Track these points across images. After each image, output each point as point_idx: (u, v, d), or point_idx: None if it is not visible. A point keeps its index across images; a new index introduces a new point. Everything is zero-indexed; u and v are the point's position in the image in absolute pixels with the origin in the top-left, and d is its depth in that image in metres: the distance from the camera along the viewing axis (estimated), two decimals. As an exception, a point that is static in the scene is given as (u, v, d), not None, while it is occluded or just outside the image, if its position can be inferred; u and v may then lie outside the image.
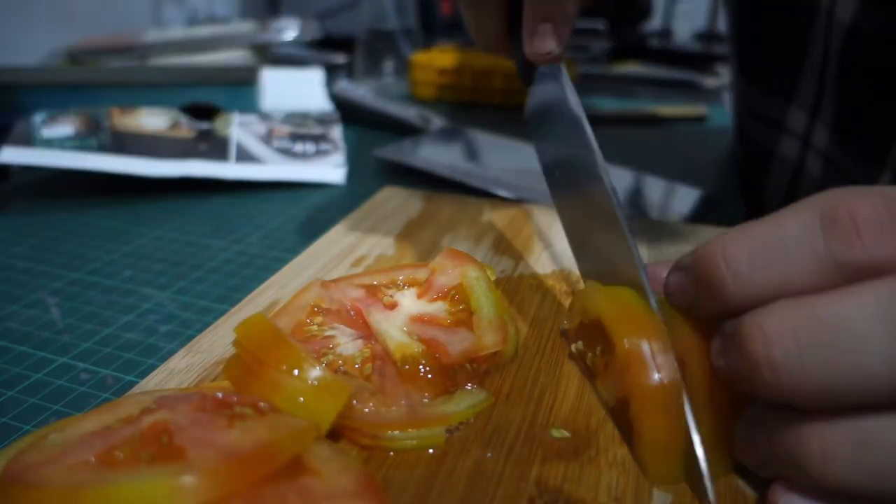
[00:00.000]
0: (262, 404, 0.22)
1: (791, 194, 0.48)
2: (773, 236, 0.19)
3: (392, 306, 0.28)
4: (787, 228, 0.19)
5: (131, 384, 0.28)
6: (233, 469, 0.18)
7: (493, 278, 0.30)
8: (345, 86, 0.69)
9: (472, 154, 0.56)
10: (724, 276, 0.20)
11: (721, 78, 0.95)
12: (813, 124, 0.45)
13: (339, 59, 0.90)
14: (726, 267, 0.20)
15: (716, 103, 0.83)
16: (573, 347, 0.28)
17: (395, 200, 0.44)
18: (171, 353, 0.30)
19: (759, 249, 0.19)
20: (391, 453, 0.23)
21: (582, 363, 0.27)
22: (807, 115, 0.45)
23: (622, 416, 0.24)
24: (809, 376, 0.17)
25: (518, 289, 0.34)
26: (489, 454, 0.23)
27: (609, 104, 0.79)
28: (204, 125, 0.51)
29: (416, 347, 0.26)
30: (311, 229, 0.43)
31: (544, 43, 0.31)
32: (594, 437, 0.24)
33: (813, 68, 0.43)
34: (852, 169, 0.41)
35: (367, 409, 0.23)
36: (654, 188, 0.50)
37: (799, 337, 0.18)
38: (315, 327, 0.27)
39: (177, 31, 0.85)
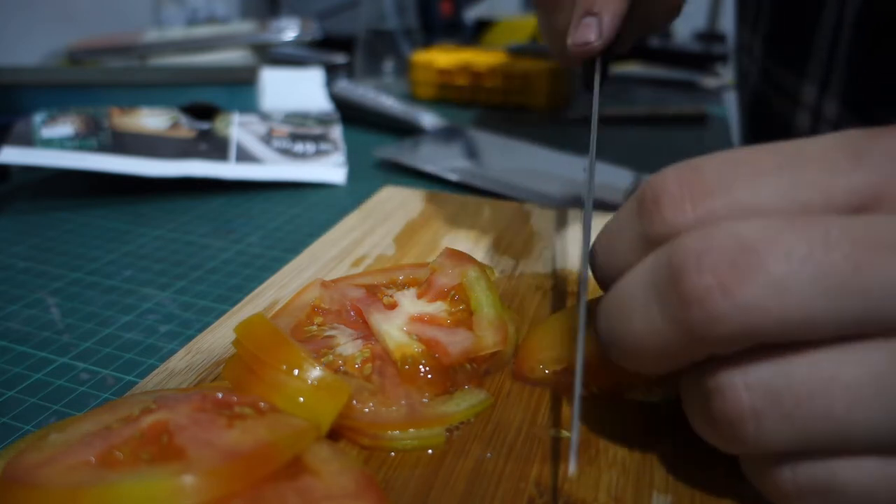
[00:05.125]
0: (262, 404, 0.22)
1: None
2: (615, 225, 0.21)
3: (392, 306, 0.28)
4: (620, 217, 0.21)
5: (131, 384, 0.28)
6: (233, 469, 0.18)
7: (493, 278, 0.30)
8: (345, 86, 0.69)
9: (472, 154, 0.56)
10: (592, 267, 0.23)
11: (721, 78, 0.95)
12: (823, 96, 0.46)
13: (339, 59, 0.90)
14: (594, 259, 0.22)
15: (716, 103, 0.83)
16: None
17: (395, 200, 0.44)
18: (171, 353, 0.30)
19: (607, 238, 0.22)
20: (391, 453, 0.23)
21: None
22: (817, 88, 0.46)
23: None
24: (613, 344, 0.20)
25: (518, 289, 0.34)
26: (489, 454, 0.23)
27: (609, 104, 0.79)
28: (204, 125, 0.51)
29: (416, 347, 0.26)
30: (311, 229, 0.43)
31: (585, 33, 0.32)
32: (594, 437, 0.24)
33: (822, 41, 0.44)
34: None
35: (367, 409, 0.23)
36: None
37: (603, 311, 0.20)
38: (315, 327, 0.27)
39: (177, 31, 0.85)
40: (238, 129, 0.52)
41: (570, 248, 0.38)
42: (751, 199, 0.18)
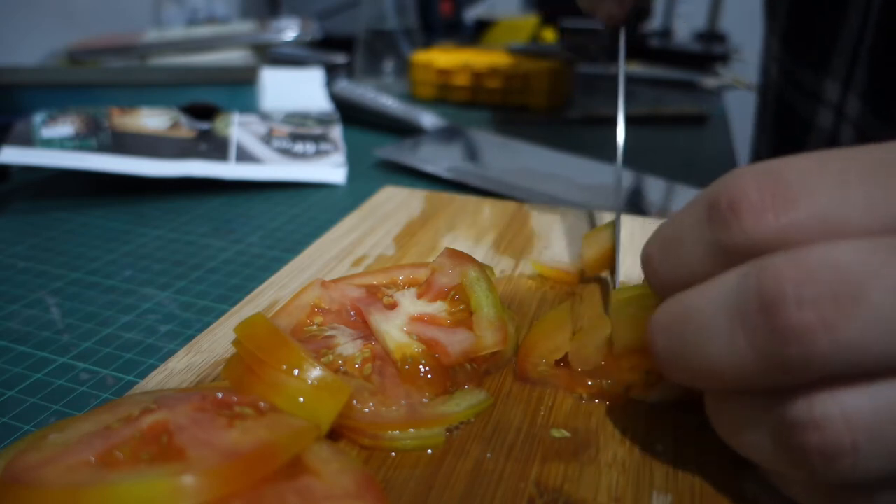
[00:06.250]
0: (262, 404, 0.22)
1: None
2: (675, 231, 0.20)
3: (392, 306, 0.28)
4: (684, 221, 0.20)
5: (131, 384, 0.28)
6: (233, 469, 0.18)
7: (493, 278, 0.30)
8: (345, 86, 0.69)
9: (472, 154, 0.56)
10: (647, 273, 0.21)
11: (721, 78, 0.95)
12: (846, 94, 0.46)
13: (339, 59, 0.90)
14: (647, 266, 0.21)
15: (716, 103, 0.83)
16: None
17: (395, 200, 0.44)
18: (171, 353, 0.30)
19: (665, 246, 0.20)
20: (391, 453, 0.23)
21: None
22: (840, 86, 0.46)
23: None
24: (677, 364, 0.19)
25: (518, 289, 0.33)
26: (489, 454, 0.23)
27: (608, 104, 0.79)
28: (204, 125, 0.51)
29: (416, 347, 0.26)
30: (311, 229, 0.43)
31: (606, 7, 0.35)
32: (594, 437, 0.24)
33: (848, 39, 0.44)
34: (884, 137, 0.42)
35: (367, 409, 0.23)
36: (655, 188, 0.50)
37: (668, 326, 0.19)
38: (315, 327, 0.27)
39: (177, 31, 0.85)
40: (238, 129, 0.52)
41: (570, 248, 0.38)
42: (837, 210, 0.17)
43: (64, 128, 0.47)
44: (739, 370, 0.17)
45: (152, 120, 0.50)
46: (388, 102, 0.67)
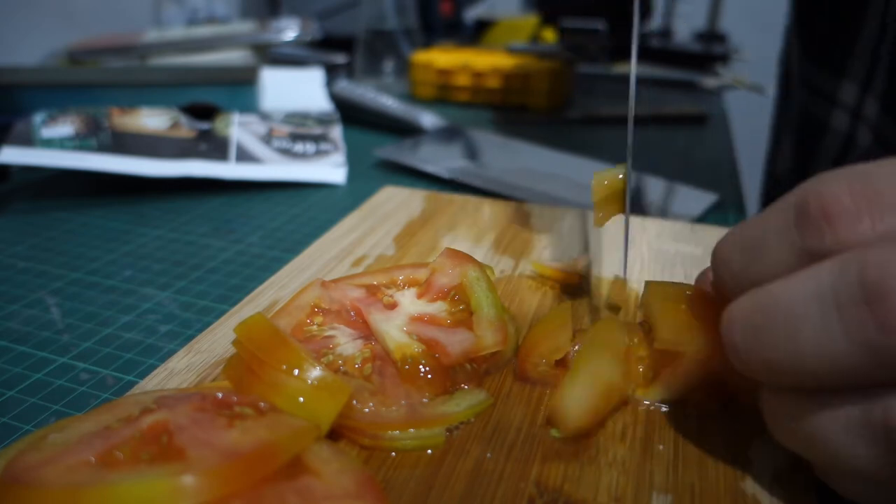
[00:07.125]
0: (262, 404, 0.22)
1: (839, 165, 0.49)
2: (757, 234, 0.20)
3: (392, 306, 0.28)
4: (768, 225, 0.20)
5: (131, 384, 0.28)
6: (233, 469, 0.18)
7: (493, 278, 0.30)
8: (345, 86, 0.69)
9: (472, 154, 0.56)
10: (722, 276, 0.21)
11: (721, 78, 0.95)
12: (864, 96, 0.45)
13: (339, 59, 0.90)
14: (724, 268, 0.21)
15: (716, 103, 0.83)
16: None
17: (395, 200, 0.44)
18: (171, 353, 0.30)
19: (746, 248, 0.20)
20: (391, 453, 0.23)
21: None
22: (858, 88, 0.46)
23: None
24: (757, 356, 0.19)
25: (518, 289, 0.33)
26: (489, 454, 0.23)
27: (609, 104, 0.79)
28: (204, 125, 0.51)
29: (416, 347, 0.26)
30: (311, 229, 0.43)
31: None
32: (594, 437, 0.24)
33: (868, 39, 0.44)
34: None
35: (367, 409, 0.23)
36: (655, 188, 0.50)
37: (750, 318, 0.19)
38: (315, 327, 0.27)
39: (177, 31, 0.85)
40: (238, 129, 0.52)
41: (570, 249, 0.38)
42: None
43: (64, 128, 0.47)
44: (834, 364, 0.17)
45: (152, 120, 0.50)
46: (388, 102, 0.67)
